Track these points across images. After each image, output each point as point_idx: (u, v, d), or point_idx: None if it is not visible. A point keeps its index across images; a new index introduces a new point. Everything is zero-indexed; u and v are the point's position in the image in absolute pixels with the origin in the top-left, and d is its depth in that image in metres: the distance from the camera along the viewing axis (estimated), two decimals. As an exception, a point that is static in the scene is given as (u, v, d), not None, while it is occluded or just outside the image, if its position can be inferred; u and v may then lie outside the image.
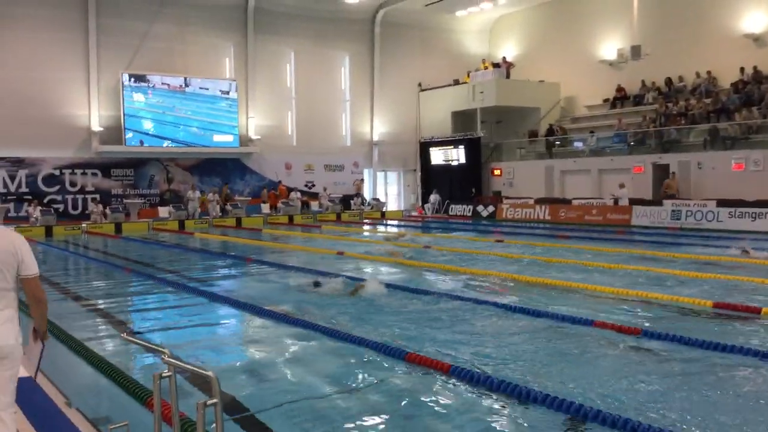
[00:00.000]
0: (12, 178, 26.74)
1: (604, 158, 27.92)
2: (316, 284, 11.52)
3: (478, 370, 6.42)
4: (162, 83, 29.29)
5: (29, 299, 4.03)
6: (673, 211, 23.17)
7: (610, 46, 31.04)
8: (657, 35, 28.70)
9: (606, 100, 31.37)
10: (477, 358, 7.10)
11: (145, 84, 28.92)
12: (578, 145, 29.89)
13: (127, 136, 28.55)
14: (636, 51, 28.60)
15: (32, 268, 4.02)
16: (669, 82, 28.98)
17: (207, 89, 30.24)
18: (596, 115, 31.55)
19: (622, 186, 26.04)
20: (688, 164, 24.89)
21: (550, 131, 31.22)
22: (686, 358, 7.00)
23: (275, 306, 9.92)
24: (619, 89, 30.75)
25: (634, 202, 24.79)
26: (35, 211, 25.68)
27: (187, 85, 29.83)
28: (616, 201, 25.55)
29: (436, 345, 7.64)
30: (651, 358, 7.09)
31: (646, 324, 8.39)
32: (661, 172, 25.65)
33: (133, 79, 28.59)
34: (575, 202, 26.86)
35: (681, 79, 28.80)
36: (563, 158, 29.84)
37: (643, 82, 29.79)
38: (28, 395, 5.56)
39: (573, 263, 14.01)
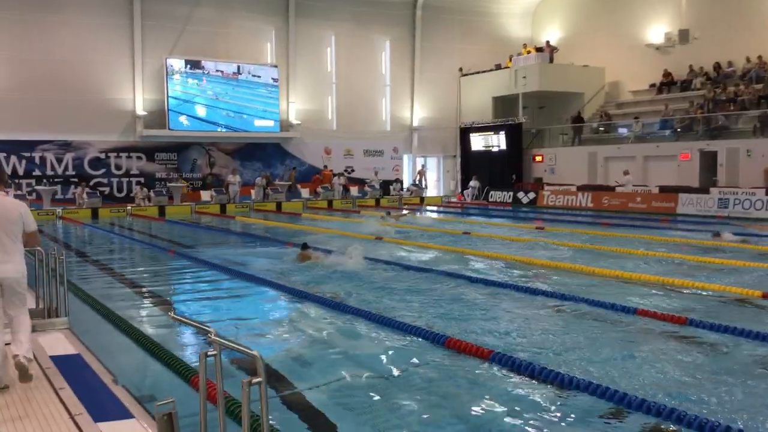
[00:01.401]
0: (59, 161, 27.39)
1: (650, 145, 27.34)
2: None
3: (518, 357, 6.37)
4: (205, 68, 29.59)
5: (30, 243, 5.96)
6: (720, 199, 22.61)
7: (657, 29, 30.31)
8: (705, 19, 27.93)
9: (652, 86, 30.68)
10: (517, 344, 7.06)
11: (188, 69, 29.25)
12: (623, 131, 29.34)
13: (170, 121, 28.96)
14: (684, 35, 27.91)
15: (32, 226, 5.79)
16: (717, 67, 28.19)
17: (250, 74, 30.46)
18: (642, 101, 30.89)
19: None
20: (737, 151, 24.24)
21: (578, 119, 30.65)
22: (733, 348, 6.85)
23: (316, 288, 9.99)
24: (666, 74, 30.03)
25: (680, 189, 24.26)
26: (82, 194, 26.28)
27: (231, 71, 30.09)
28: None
29: (475, 331, 7.61)
30: (697, 348, 6.95)
31: (692, 313, 8.22)
32: (709, 160, 25.04)
33: (174, 65, 28.94)
34: (619, 190, 26.40)
35: (730, 64, 27.99)
36: (607, 144, 29.32)
37: (690, 67, 29.03)
38: (76, 372, 5.72)
39: (616, 251, 13.79)
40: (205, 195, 28.94)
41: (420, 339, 7.20)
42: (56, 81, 26.80)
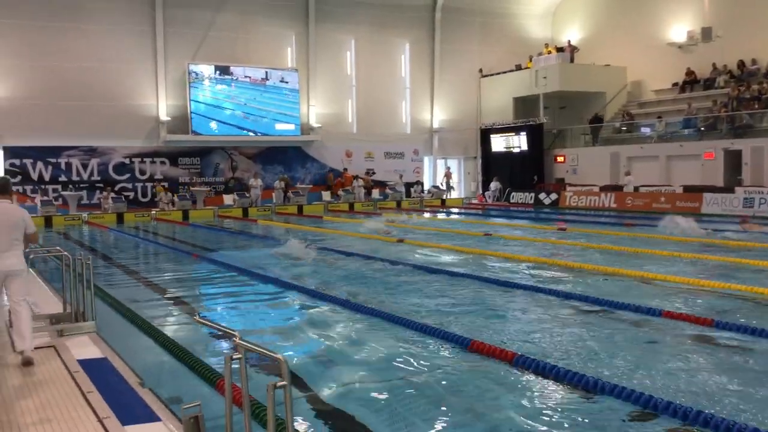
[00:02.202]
0: (84, 166, 27.75)
1: (673, 144, 27.06)
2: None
3: (543, 360, 6.34)
4: (226, 73, 29.81)
5: (31, 241, 6.87)
6: (745, 198, 22.32)
7: (679, 28, 30.01)
8: (729, 16, 27.59)
9: (675, 85, 30.38)
10: (541, 347, 7.02)
11: (210, 74, 29.50)
12: (645, 130, 29.07)
13: (192, 125, 29.23)
14: (707, 33, 27.59)
15: (32, 228, 6.69)
16: (741, 65, 27.83)
17: (272, 79, 30.65)
18: (664, 100, 30.59)
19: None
20: (762, 150, 23.90)
21: (598, 119, 30.40)
22: (760, 350, 6.76)
23: (337, 291, 10.02)
24: (689, 73, 29.72)
25: (705, 189, 23.98)
26: (108, 199, 26.61)
27: (253, 76, 30.30)
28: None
29: (498, 333, 7.59)
30: (723, 349, 6.87)
31: (718, 315, 8.12)
32: (733, 159, 24.72)
33: (197, 71, 29.20)
34: (642, 190, 26.16)
35: (754, 62, 27.61)
36: (630, 144, 29.06)
37: (714, 65, 28.71)
38: (103, 376, 5.80)
39: (640, 252, 13.67)
40: (228, 199, 29.16)
41: (443, 341, 7.19)
42: (81, 88, 27.17)
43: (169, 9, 28.68)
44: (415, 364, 6.62)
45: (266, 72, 30.60)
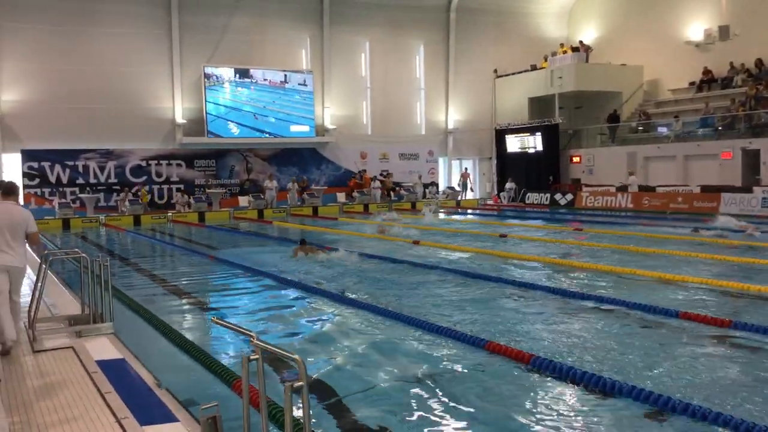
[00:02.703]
0: (102, 169, 27.99)
1: (690, 144, 26.82)
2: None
3: (559, 361, 6.32)
4: (242, 75, 29.96)
5: (31, 243, 7.22)
6: (763, 198, 22.08)
7: (696, 26, 29.77)
8: (746, 14, 27.33)
9: (692, 84, 30.12)
10: (557, 348, 6.99)
11: (225, 77, 29.65)
12: (662, 130, 28.85)
13: (208, 128, 29.39)
14: (724, 31, 27.35)
15: (34, 227, 7.00)
16: (759, 63, 27.53)
17: (287, 81, 30.78)
18: (681, 99, 30.35)
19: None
20: (781, 149, 23.66)
21: (614, 118, 30.19)
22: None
23: (353, 293, 10.04)
24: (706, 72, 29.45)
25: (723, 189, 23.76)
26: (125, 201, 26.82)
27: (268, 78, 30.44)
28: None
29: (514, 334, 7.56)
30: (741, 350, 6.81)
31: (736, 315, 8.04)
32: (751, 158, 24.47)
33: (213, 73, 29.36)
34: (659, 190, 25.96)
35: (773, 60, 27.35)
36: (647, 144, 28.85)
37: (731, 63, 28.42)
38: (121, 377, 5.84)
39: (657, 252, 13.57)
40: (243, 200, 29.30)
41: (459, 342, 7.18)
42: (98, 91, 27.41)
43: (185, 13, 28.87)
44: (431, 365, 6.62)
45: (281, 74, 30.71)
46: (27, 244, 7.14)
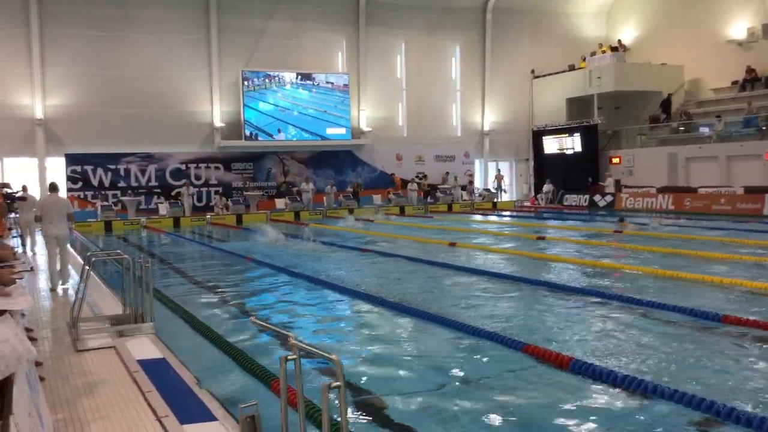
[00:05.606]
0: (142, 172, 28.50)
1: (733, 144, 26.23)
2: None
3: (599, 365, 6.21)
4: (280, 78, 30.24)
5: (69, 220, 11.10)
6: (811, 199, 21.48)
7: (739, 24, 29.13)
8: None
9: (735, 83, 29.46)
10: (597, 351, 6.88)
11: (264, 80, 29.96)
12: (704, 130, 28.27)
13: (245, 131, 29.72)
14: (768, 29, 26.68)
15: (71, 209, 11.27)
16: (806, 60, 26.84)
17: (324, 84, 30.97)
18: (723, 99, 29.70)
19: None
20: (828, 149, 22.99)
21: (663, 115, 29.62)
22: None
23: (389, 293, 10.02)
24: (749, 70, 28.79)
25: (767, 190, 23.16)
26: (167, 204, 27.29)
27: (306, 81, 30.66)
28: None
29: (553, 337, 7.47)
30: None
31: (784, 319, 7.82)
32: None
33: (251, 77, 29.67)
34: (701, 191, 25.44)
35: (819, 57, 26.62)
36: (688, 144, 28.30)
37: (776, 61, 27.76)
38: (162, 376, 5.92)
39: (699, 255, 13.28)
40: (280, 203, 29.54)
41: (497, 345, 7.11)
42: (139, 96, 27.94)
43: (223, 17, 29.26)
44: (468, 367, 6.57)
45: (318, 77, 30.90)
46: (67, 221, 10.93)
